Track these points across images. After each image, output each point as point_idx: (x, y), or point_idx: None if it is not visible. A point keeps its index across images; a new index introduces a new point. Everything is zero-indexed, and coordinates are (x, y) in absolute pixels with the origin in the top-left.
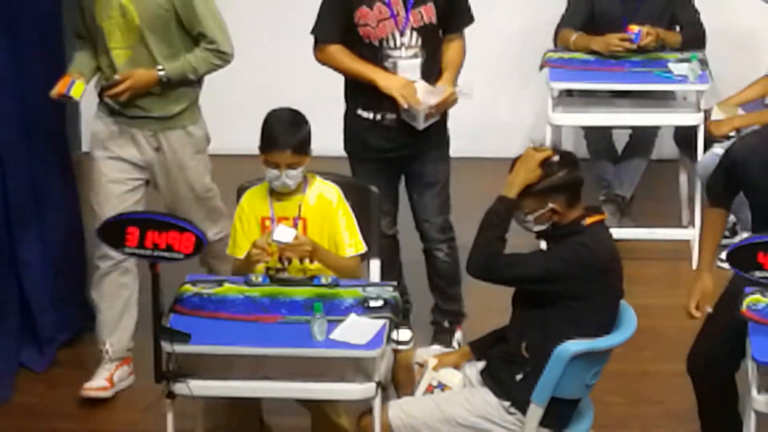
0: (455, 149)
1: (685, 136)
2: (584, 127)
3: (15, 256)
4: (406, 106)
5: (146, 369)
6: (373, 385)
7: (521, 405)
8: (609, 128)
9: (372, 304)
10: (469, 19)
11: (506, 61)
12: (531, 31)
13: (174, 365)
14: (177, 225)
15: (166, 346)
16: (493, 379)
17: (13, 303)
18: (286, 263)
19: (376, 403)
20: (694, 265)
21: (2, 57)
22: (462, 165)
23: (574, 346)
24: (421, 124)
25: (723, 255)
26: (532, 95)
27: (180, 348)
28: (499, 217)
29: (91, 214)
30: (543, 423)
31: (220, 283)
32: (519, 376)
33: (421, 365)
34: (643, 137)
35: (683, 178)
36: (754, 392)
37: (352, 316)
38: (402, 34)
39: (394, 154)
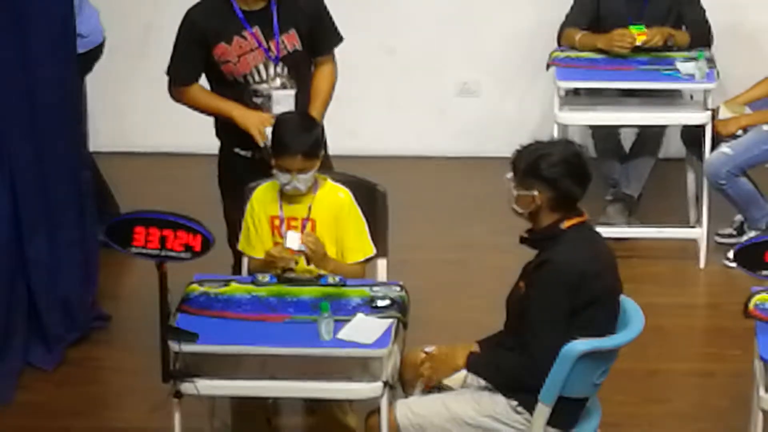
0: (462, 149)
1: (692, 135)
2: (591, 126)
3: (23, 255)
4: (262, 144)
5: (154, 368)
6: (380, 384)
7: (529, 404)
8: (616, 127)
9: (379, 303)
10: (338, 38)
11: (513, 60)
12: (538, 30)
13: (181, 365)
14: (184, 224)
15: (174, 346)
16: None
17: (20, 301)
18: (293, 264)
19: (383, 403)
20: (702, 264)
21: (11, 55)
22: (468, 164)
23: (581, 345)
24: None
25: (730, 254)
26: (539, 94)
27: (187, 347)
28: (484, 362)
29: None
30: (551, 422)
31: (227, 282)
32: None
33: (428, 354)
34: (650, 136)
35: (690, 177)
36: (762, 391)
37: (359, 316)
38: (270, 65)
39: None
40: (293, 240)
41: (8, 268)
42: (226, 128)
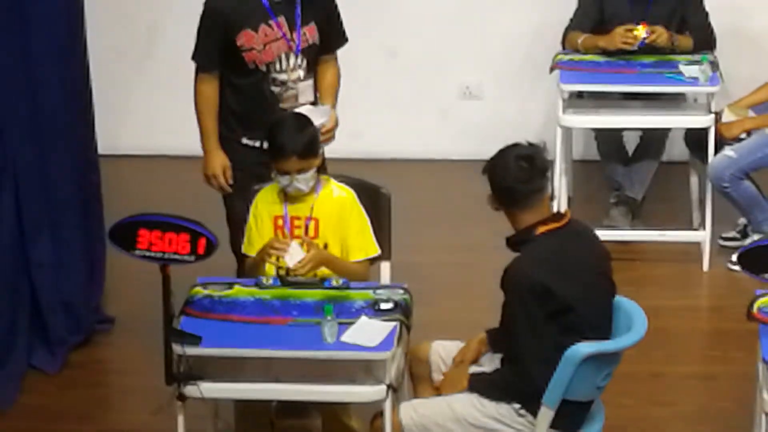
0: (464, 152)
1: (695, 138)
2: (595, 129)
3: (26, 257)
4: (215, 187)
5: (157, 371)
6: (383, 387)
7: (531, 407)
8: (619, 130)
9: (383, 306)
10: (344, 40)
11: (516, 62)
12: (541, 32)
13: (185, 367)
14: (188, 227)
15: (177, 349)
16: None
17: (23, 304)
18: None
19: (387, 406)
20: (705, 267)
21: (13, 56)
22: (471, 167)
23: (585, 348)
24: None
25: (734, 257)
26: (543, 97)
27: (191, 350)
28: (484, 383)
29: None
30: (554, 425)
31: (230, 285)
32: None
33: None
34: (653, 139)
35: (694, 180)
36: (765, 394)
37: (363, 318)
38: (291, 56)
39: None
40: (295, 255)
41: (12, 270)
42: (234, 118)
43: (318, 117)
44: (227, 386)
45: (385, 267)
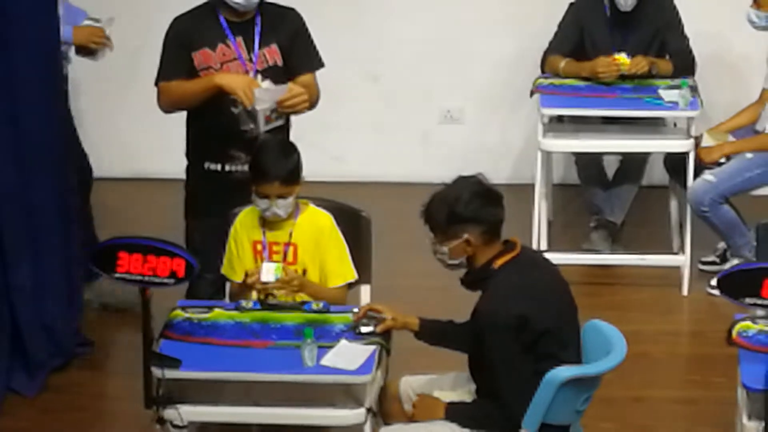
0: (445, 176)
1: (675, 163)
2: (575, 153)
3: (6, 280)
4: (249, 107)
5: (137, 394)
6: (363, 410)
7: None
8: (599, 154)
9: (363, 329)
10: (319, 63)
11: (497, 86)
12: (522, 57)
13: (164, 391)
14: (168, 250)
15: (157, 372)
16: None
17: (3, 327)
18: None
19: (367, 429)
20: (685, 291)
21: None
22: None
23: (564, 371)
24: (261, 127)
25: (713, 281)
26: (523, 121)
27: (170, 373)
28: (461, 413)
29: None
30: None
31: (210, 308)
32: None
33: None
34: (633, 163)
35: (673, 204)
36: (744, 419)
37: (343, 342)
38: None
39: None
40: (268, 272)
41: None
42: (197, 140)
43: (269, 96)
44: (207, 410)
45: (365, 290)
